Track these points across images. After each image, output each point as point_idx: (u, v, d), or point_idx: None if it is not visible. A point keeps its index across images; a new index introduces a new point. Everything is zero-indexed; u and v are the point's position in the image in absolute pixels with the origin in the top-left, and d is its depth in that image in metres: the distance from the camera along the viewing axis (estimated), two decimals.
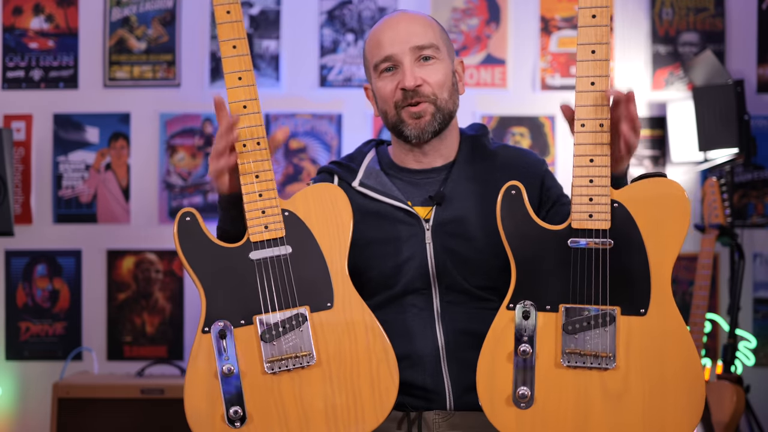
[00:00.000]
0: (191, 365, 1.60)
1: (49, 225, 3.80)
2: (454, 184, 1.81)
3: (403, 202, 1.79)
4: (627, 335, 1.53)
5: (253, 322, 1.60)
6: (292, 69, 3.80)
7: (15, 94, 3.81)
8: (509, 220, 1.59)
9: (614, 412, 1.52)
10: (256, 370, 1.58)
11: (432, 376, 1.75)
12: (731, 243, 3.42)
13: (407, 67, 1.77)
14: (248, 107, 1.63)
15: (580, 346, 1.53)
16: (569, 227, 1.56)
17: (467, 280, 1.76)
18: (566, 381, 1.54)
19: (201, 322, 1.60)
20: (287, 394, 1.58)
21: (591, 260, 1.55)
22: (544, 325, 1.55)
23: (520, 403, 1.53)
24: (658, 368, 1.52)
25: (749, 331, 3.71)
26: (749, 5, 3.78)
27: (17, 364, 3.78)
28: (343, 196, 1.67)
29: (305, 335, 1.59)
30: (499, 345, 1.56)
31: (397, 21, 1.82)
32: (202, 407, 1.58)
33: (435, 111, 1.79)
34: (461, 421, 1.74)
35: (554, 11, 3.80)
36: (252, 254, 1.61)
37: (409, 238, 1.78)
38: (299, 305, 1.60)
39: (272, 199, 1.62)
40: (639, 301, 1.54)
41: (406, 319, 1.77)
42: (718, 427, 3.14)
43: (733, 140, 3.41)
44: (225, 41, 1.63)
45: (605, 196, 1.54)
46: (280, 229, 1.62)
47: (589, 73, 1.55)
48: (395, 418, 1.77)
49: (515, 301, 1.57)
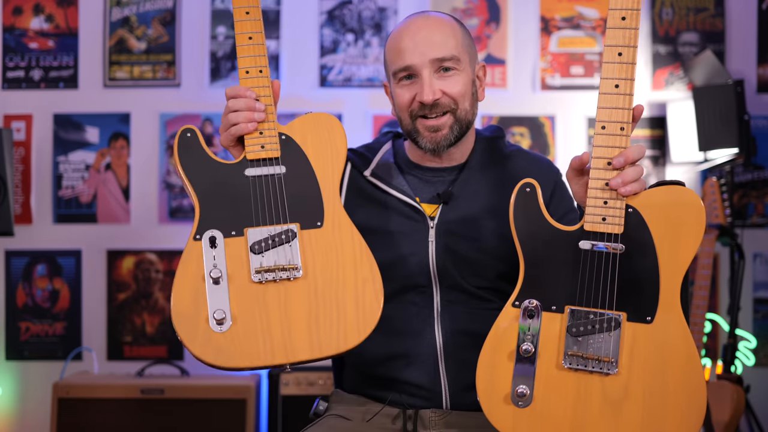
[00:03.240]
0: (180, 269, 1.62)
1: (49, 225, 3.80)
2: (463, 184, 1.81)
3: (410, 197, 1.80)
4: (631, 342, 1.52)
5: (243, 233, 1.63)
6: (292, 69, 3.80)
7: (15, 94, 3.81)
8: (521, 218, 1.58)
9: (612, 419, 1.51)
10: (244, 279, 1.61)
11: (429, 374, 1.75)
12: (731, 243, 3.42)
13: (426, 80, 1.75)
14: (253, 38, 1.69)
15: (583, 350, 1.52)
16: (581, 229, 1.55)
17: (468, 280, 1.76)
18: (566, 383, 1.53)
19: (193, 230, 1.63)
20: (272, 303, 1.60)
21: (601, 264, 1.54)
22: (549, 325, 1.55)
23: (519, 402, 1.53)
24: (660, 378, 1.51)
25: (749, 331, 3.71)
26: (749, 5, 3.78)
27: (17, 364, 3.78)
28: (339, 127, 1.72)
29: (294, 250, 1.62)
30: (501, 342, 1.55)
31: (418, 28, 1.78)
32: (188, 309, 1.59)
33: (453, 122, 1.78)
34: (457, 420, 1.74)
35: (554, 11, 3.80)
36: (248, 171, 1.66)
37: (411, 234, 1.78)
38: (290, 222, 1.64)
39: (270, 122, 1.67)
40: (646, 309, 1.53)
41: (406, 317, 1.77)
42: (718, 427, 3.14)
43: (733, 140, 3.41)
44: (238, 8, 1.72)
45: (620, 200, 1.54)
46: (276, 150, 1.67)
47: (614, 76, 1.54)
48: (391, 415, 1.77)
49: (521, 299, 1.56)
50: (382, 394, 1.78)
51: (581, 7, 3.81)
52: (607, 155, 1.54)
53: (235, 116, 1.65)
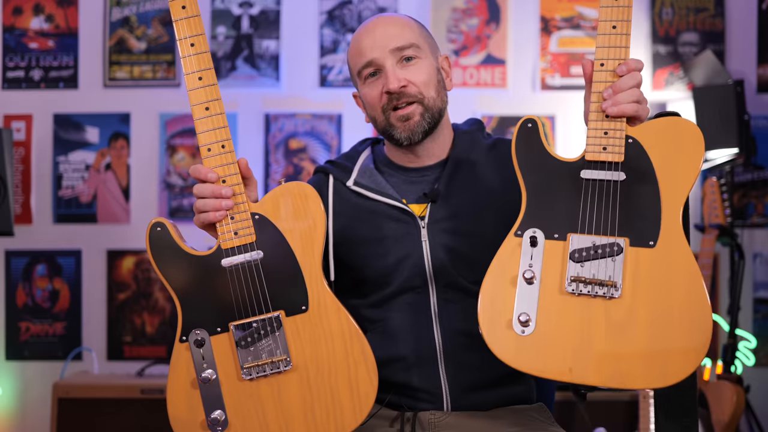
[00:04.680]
0: (171, 374, 1.60)
1: (49, 225, 3.80)
2: (448, 180, 1.80)
3: (397, 200, 1.79)
4: (634, 266, 1.52)
5: (228, 329, 1.59)
6: (292, 69, 3.80)
7: (15, 94, 3.81)
8: (523, 151, 1.60)
9: (617, 341, 1.50)
10: (234, 377, 1.58)
11: (429, 376, 1.74)
12: (731, 243, 3.42)
13: (389, 69, 1.76)
14: (210, 109, 1.60)
15: (586, 274, 1.53)
16: (583, 159, 1.58)
17: (465, 276, 1.75)
18: (569, 308, 1.52)
19: (178, 332, 1.60)
20: (266, 400, 1.58)
21: (602, 192, 1.56)
22: (551, 252, 1.55)
23: (521, 328, 1.52)
24: (664, 300, 1.51)
25: (749, 331, 3.71)
26: (749, 5, 3.78)
27: (17, 364, 3.78)
28: (313, 195, 1.64)
29: (281, 340, 1.58)
30: (504, 270, 1.55)
31: (374, 26, 1.81)
32: (184, 415, 1.59)
33: (423, 111, 1.78)
34: (456, 421, 1.73)
35: (554, 11, 3.80)
36: (224, 261, 1.60)
37: (404, 237, 1.77)
38: (273, 310, 1.59)
39: (241, 204, 1.60)
40: (648, 234, 1.54)
41: (403, 319, 1.77)
42: (718, 426, 3.14)
43: (733, 140, 3.41)
44: (182, 39, 1.61)
45: (620, 131, 1.56)
46: (250, 234, 1.60)
47: (612, 18, 1.59)
48: (389, 417, 1.76)
49: (523, 228, 1.56)
50: (382, 398, 1.77)
51: (581, 7, 3.81)
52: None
53: (202, 204, 1.60)
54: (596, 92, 1.58)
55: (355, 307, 1.76)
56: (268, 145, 3.76)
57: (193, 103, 1.60)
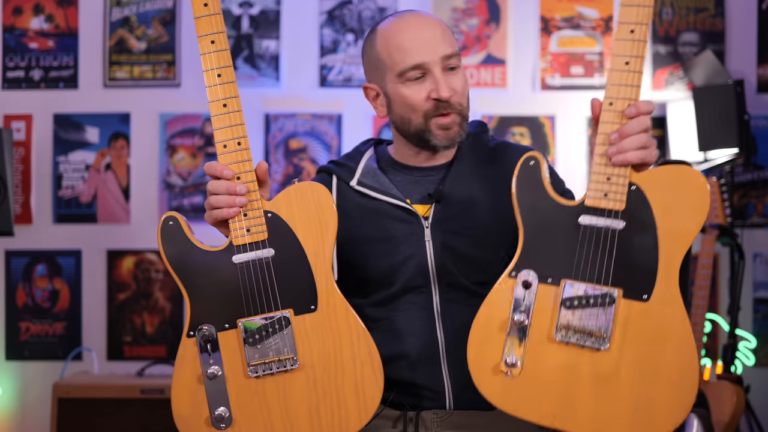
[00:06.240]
0: (177, 369, 1.60)
1: (49, 225, 3.80)
2: (453, 181, 1.80)
3: (401, 200, 1.79)
4: (625, 319, 1.51)
5: (236, 325, 1.59)
6: (292, 69, 3.80)
7: (15, 94, 3.81)
8: (524, 190, 1.57)
9: (602, 393, 1.50)
10: (240, 374, 1.58)
11: (432, 375, 1.74)
12: (731, 243, 3.42)
13: (440, 77, 1.73)
14: (228, 105, 1.61)
15: (576, 323, 1.52)
16: (582, 204, 1.55)
17: (467, 277, 1.76)
18: (557, 355, 1.52)
19: (186, 327, 1.61)
20: (272, 398, 1.58)
21: (600, 239, 1.53)
22: (543, 296, 1.54)
23: (508, 372, 1.52)
24: (652, 355, 1.50)
25: (749, 331, 3.71)
26: (749, 5, 3.78)
27: (17, 364, 3.78)
28: (326, 195, 1.63)
29: (288, 339, 1.58)
30: (494, 311, 1.55)
31: (419, 25, 1.77)
32: (188, 411, 1.58)
33: (461, 121, 1.77)
34: (459, 420, 1.74)
35: (554, 11, 3.80)
36: (235, 257, 1.59)
37: (407, 237, 1.77)
38: (282, 308, 1.59)
39: (254, 201, 1.60)
40: (642, 287, 1.52)
41: (406, 318, 1.77)
42: (718, 426, 3.14)
43: (733, 140, 3.41)
44: (203, 36, 1.61)
45: (624, 177, 1.52)
46: (262, 232, 1.59)
47: (626, 53, 1.53)
48: (392, 416, 1.76)
49: (519, 269, 1.55)
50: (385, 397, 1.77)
51: (581, 7, 3.81)
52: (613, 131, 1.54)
53: (215, 200, 1.59)
54: (603, 134, 1.53)
55: (358, 306, 1.75)
56: (268, 145, 3.76)
57: (211, 100, 1.61)
